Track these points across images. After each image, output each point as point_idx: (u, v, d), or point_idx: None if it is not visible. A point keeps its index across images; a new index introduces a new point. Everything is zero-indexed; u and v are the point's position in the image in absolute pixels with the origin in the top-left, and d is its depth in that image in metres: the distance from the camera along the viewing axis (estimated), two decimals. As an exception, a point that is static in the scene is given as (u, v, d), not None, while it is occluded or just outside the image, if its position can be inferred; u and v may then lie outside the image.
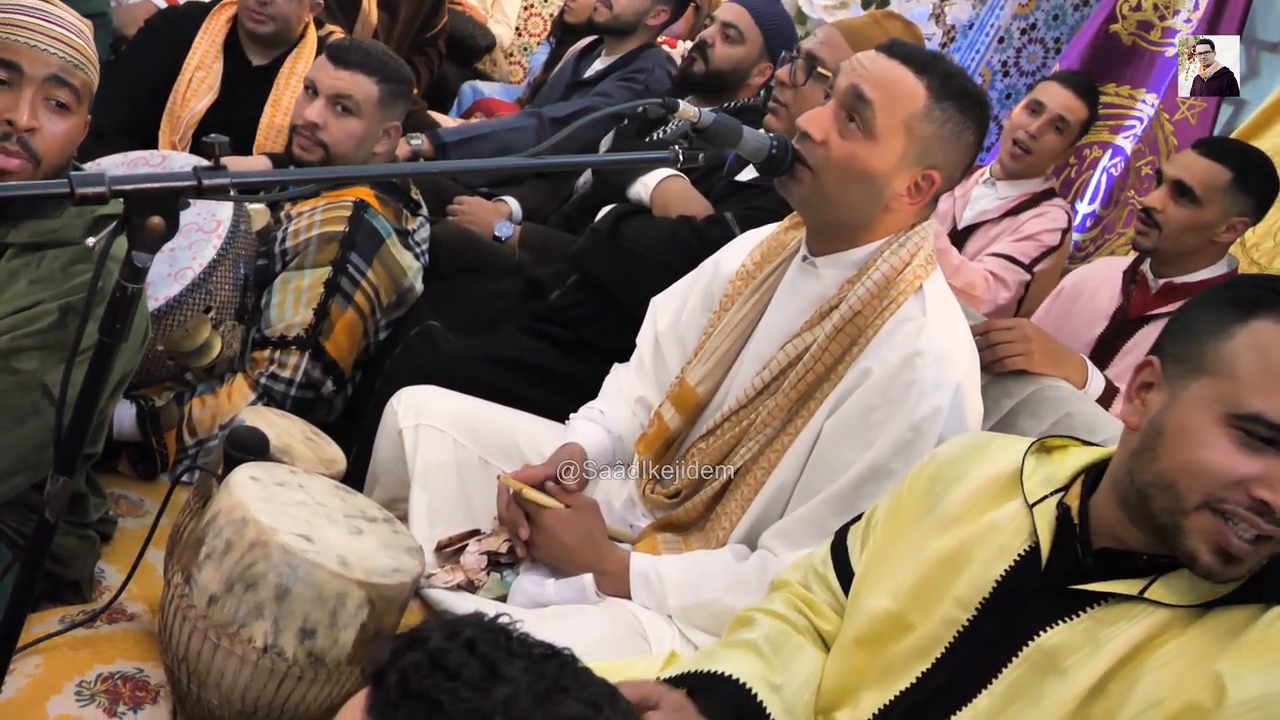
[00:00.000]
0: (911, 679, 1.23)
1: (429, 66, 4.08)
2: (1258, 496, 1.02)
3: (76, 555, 1.74)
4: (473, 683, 0.71)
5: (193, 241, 2.13)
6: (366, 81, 2.34)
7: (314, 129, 2.33)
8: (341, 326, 2.26)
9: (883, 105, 1.51)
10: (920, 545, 1.29)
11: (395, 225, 2.37)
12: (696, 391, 1.72)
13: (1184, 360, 1.10)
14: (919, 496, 1.33)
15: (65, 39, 1.57)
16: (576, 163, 1.72)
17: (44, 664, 1.48)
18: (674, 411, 1.74)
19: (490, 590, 1.65)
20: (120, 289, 1.11)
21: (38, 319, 1.53)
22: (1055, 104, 2.92)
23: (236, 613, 1.35)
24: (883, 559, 1.33)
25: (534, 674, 0.72)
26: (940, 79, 1.52)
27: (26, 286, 1.55)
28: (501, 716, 0.69)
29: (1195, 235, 2.41)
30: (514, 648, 0.75)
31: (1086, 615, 1.12)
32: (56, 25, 1.57)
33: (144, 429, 2.13)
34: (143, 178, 1.08)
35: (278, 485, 1.49)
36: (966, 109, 1.54)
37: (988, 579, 1.20)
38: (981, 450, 1.33)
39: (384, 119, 2.38)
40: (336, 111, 2.33)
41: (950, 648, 1.21)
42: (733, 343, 1.72)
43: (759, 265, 1.74)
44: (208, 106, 2.96)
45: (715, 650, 1.34)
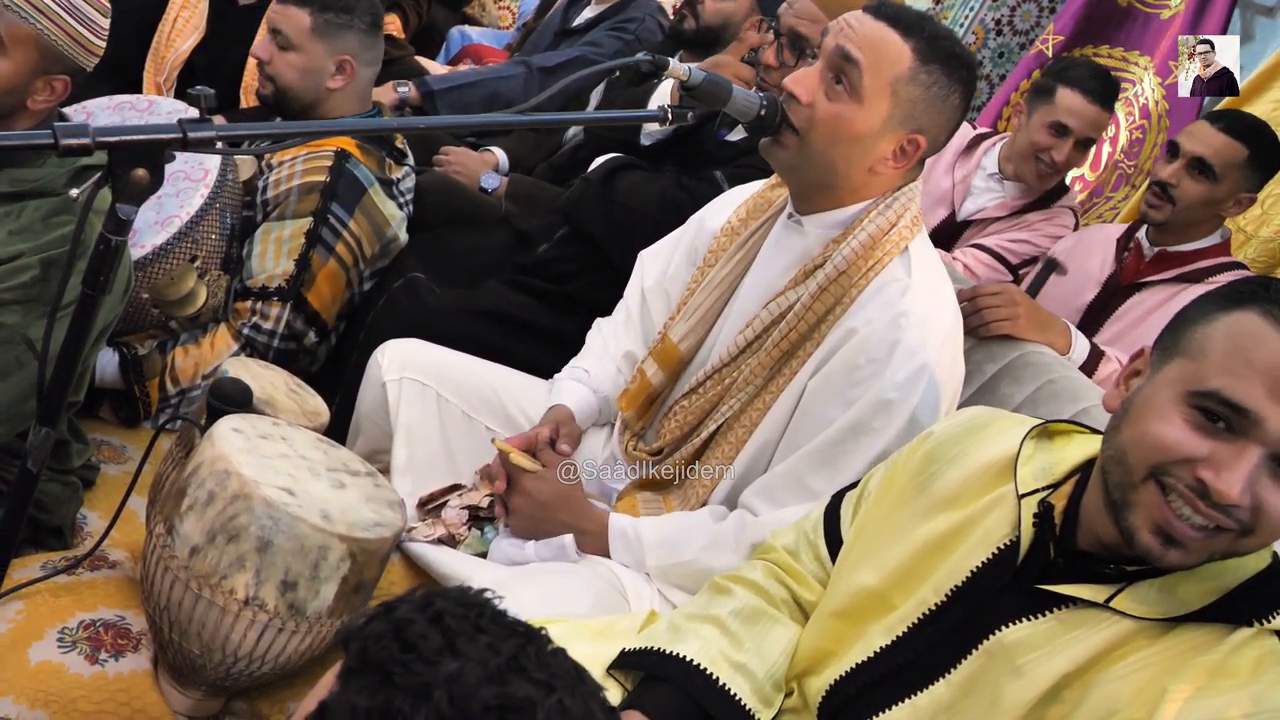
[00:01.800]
0: (870, 652, 1.23)
1: (416, 11, 4.02)
2: (1200, 476, 1.00)
3: (59, 501, 1.75)
4: (427, 656, 0.70)
5: (180, 190, 2.11)
6: (298, 13, 2.31)
7: (262, 64, 2.36)
8: (324, 277, 2.25)
9: (869, 66, 1.50)
10: (910, 525, 1.27)
11: (378, 174, 2.35)
12: (679, 348, 1.72)
13: (1167, 347, 1.10)
14: (913, 474, 1.31)
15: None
16: (566, 120, 1.70)
17: (26, 610, 1.49)
18: (656, 368, 1.75)
19: (470, 546, 1.66)
20: (104, 241, 1.10)
21: (19, 273, 1.52)
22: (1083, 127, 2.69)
23: (218, 564, 1.36)
24: (871, 533, 1.33)
25: (490, 651, 0.72)
26: (927, 41, 1.51)
27: (6, 237, 1.54)
28: (443, 691, 0.68)
29: (1206, 209, 2.41)
30: (482, 624, 0.74)
31: (1051, 616, 1.11)
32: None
33: (126, 377, 2.13)
34: (127, 129, 1.06)
35: (261, 438, 1.49)
36: (953, 72, 1.53)
37: (965, 567, 1.19)
38: (981, 430, 1.30)
39: (329, 51, 2.33)
40: (277, 46, 2.33)
41: (914, 628, 1.20)
42: (716, 299, 1.71)
43: (744, 222, 1.74)
44: (193, 46, 2.93)
45: (681, 625, 1.33)
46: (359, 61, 2.37)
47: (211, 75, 2.91)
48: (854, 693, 1.23)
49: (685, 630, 1.32)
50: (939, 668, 1.17)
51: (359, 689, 0.70)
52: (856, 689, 1.23)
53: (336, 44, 2.33)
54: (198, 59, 2.91)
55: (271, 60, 2.34)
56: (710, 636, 1.31)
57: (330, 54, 2.33)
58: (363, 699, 0.69)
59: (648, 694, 1.26)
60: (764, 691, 1.29)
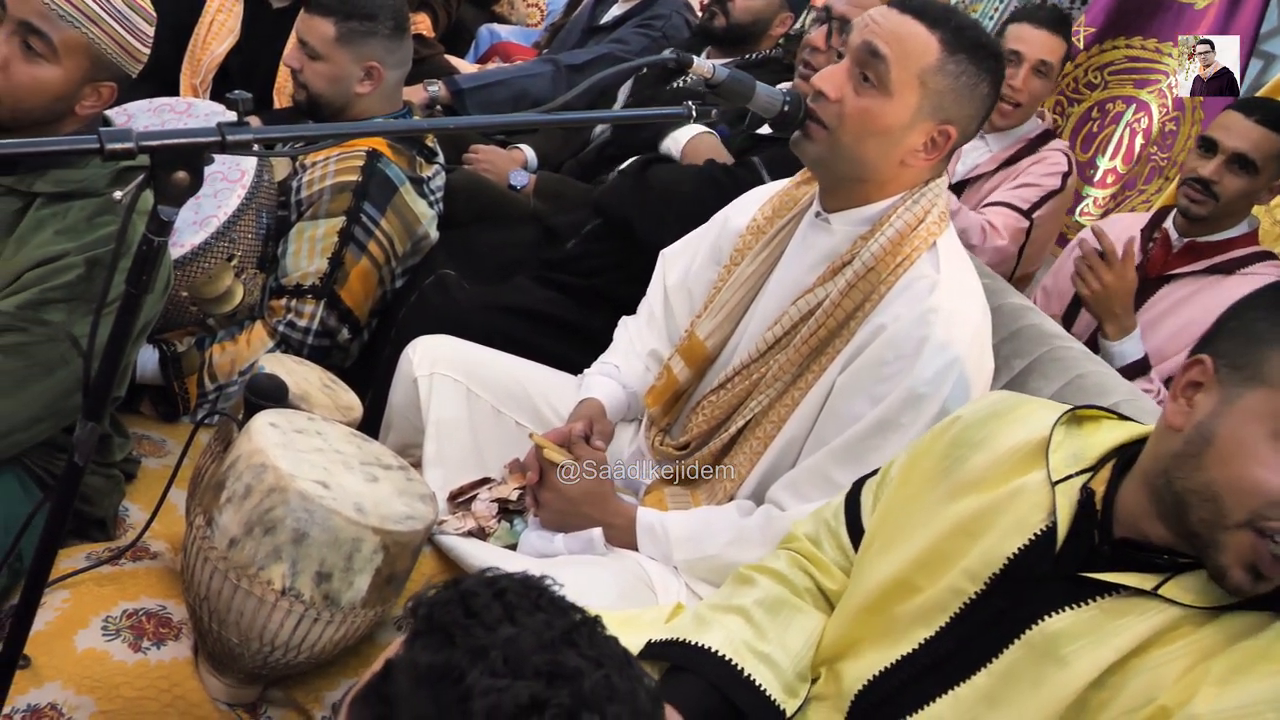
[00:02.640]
0: (914, 644, 1.22)
1: (446, 10, 4.05)
2: None
3: (102, 494, 1.79)
4: (488, 622, 0.75)
5: (217, 190, 2.16)
6: (322, 23, 2.36)
7: (295, 72, 2.41)
8: (356, 275, 2.28)
9: (896, 60, 1.51)
10: (935, 509, 1.27)
11: (409, 173, 2.39)
12: (705, 345, 1.74)
13: (1241, 366, 1.05)
14: (938, 458, 1.31)
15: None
16: (592, 119, 1.72)
17: (72, 599, 1.54)
18: (683, 365, 1.76)
19: (500, 538, 1.69)
20: (147, 242, 1.14)
21: (64, 271, 1.56)
22: (1034, 50, 2.80)
23: (255, 555, 1.39)
24: (895, 519, 1.33)
25: (546, 625, 0.76)
26: (953, 32, 1.52)
27: (52, 236, 1.58)
28: (498, 653, 0.73)
29: (1245, 201, 2.41)
30: (541, 602, 0.79)
31: (1095, 605, 1.10)
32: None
33: (166, 373, 2.17)
34: (169, 133, 1.09)
35: (296, 432, 1.53)
36: (981, 61, 1.53)
37: (1000, 554, 1.18)
38: (1007, 414, 1.29)
39: (354, 58, 2.37)
40: (306, 55, 2.38)
41: (955, 618, 1.20)
42: (742, 297, 1.73)
43: (769, 220, 1.75)
44: (228, 50, 2.97)
45: (706, 615, 1.35)
46: (385, 66, 2.41)
47: (246, 77, 2.96)
48: (896, 686, 1.23)
49: (710, 621, 1.34)
50: (980, 658, 1.16)
51: (423, 648, 0.75)
52: (899, 683, 1.23)
53: (362, 51, 2.38)
54: (232, 61, 2.96)
55: (302, 69, 2.39)
56: (734, 627, 1.32)
57: (356, 60, 2.38)
58: (425, 656, 0.74)
59: (674, 684, 1.28)
60: (788, 681, 1.30)
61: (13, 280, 1.56)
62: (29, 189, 1.60)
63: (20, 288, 1.55)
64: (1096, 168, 3.23)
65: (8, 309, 1.54)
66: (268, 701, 1.56)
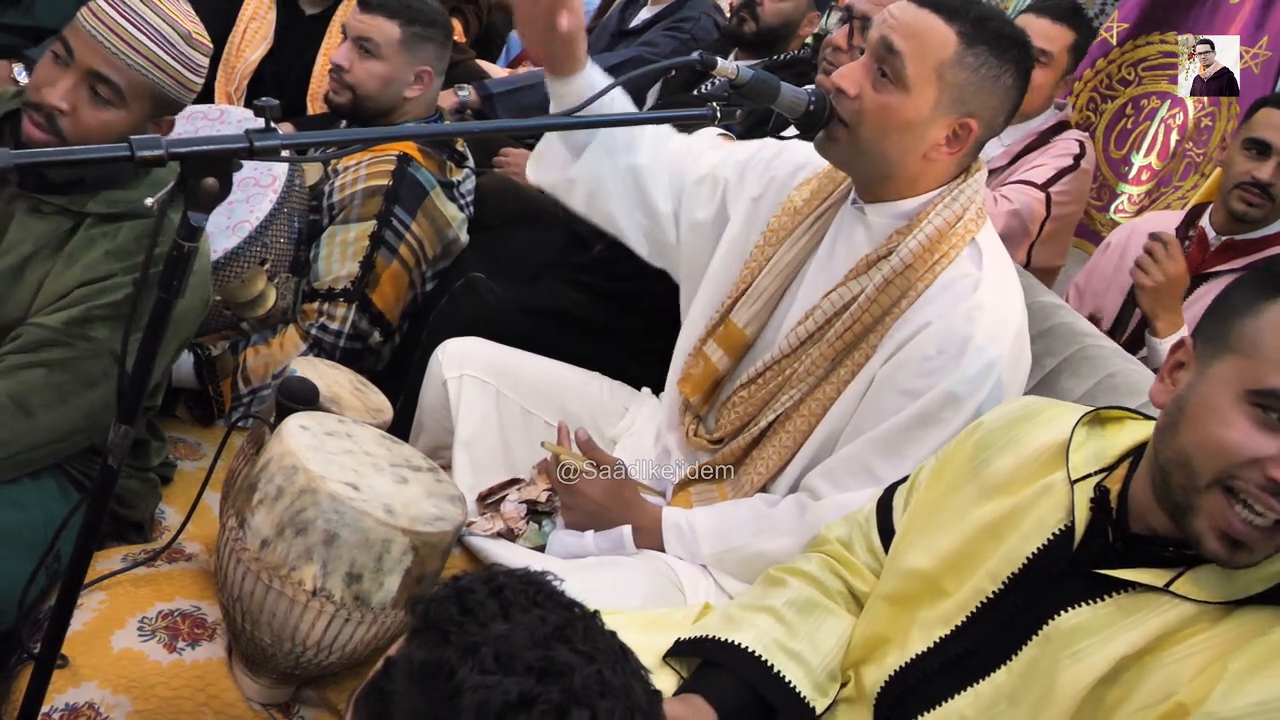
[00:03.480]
0: (930, 642, 1.24)
1: (477, 15, 4.08)
2: (1272, 476, 1.00)
3: (139, 497, 1.83)
4: (481, 619, 0.76)
5: (250, 195, 2.19)
6: (388, 24, 2.37)
7: (340, 71, 2.41)
8: (387, 278, 2.30)
9: (913, 55, 1.50)
10: (963, 511, 1.28)
11: (440, 178, 2.41)
12: (745, 333, 1.72)
13: (1213, 339, 1.09)
14: (964, 461, 1.32)
15: (129, 38, 1.57)
16: (615, 121, 1.72)
17: (109, 600, 1.57)
18: (721, 352, 1.74)
19: (529, 539, 1.70)
20: (177, 247, 1.16)
21: (112, 291, 1.60)
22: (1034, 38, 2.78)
23: (287, 556, 1.41)
24: (923, 521, 1.34)
25: (540, 621, 0.77)
26: (972, 24, 1.50)
27: (102, 256, 1.62)
28: (489, 649, 0.74)
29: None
30: (538, 599, 0.79)
31: (1110, 601, 1.11)
32: (129, 23, 1.57)
33: (201, 376, 2.21)
34: (198, 141, 1.11)
35: (327, 434, 1.54)
36: (1003, 52, 1.52)
37: (1021, 554, 1.19)
38: (1032, 418, 1.31)
39: (411, 62, 2.40)
40: (360, 53, 2.38)
41: (972, 617, 1.21)
42: (781, 283, 1.71)
43: (808, 202, 1.72)
44: (262, 56, 3.01)
45: (736, 614, 1.36)
46: (435, 72, 2.45)
47: (280, 83, 3.00)
48: (915, 683, 1.24)
49: (740, 619, 1.35)
50: (1000, 655, 1.17)
51: (418, 645, 0.76)
52: (917, 679, 1.24)
53: (419, 55, 2.41)
54: (266, 68, 3.00)
55: (352, 68, 2.39)
56: (765, 625, 1.34)
57: (412, 65, 2.41)
58: (419, 653, 0.76)
59: (705, 679, 1.29)
60: (818, 679, 1.31)
61: (61, 297, 1.60)
62: (81, 209, 1.64)
63: (68, 304, 1.60)
64: (1131, 164, 3.19)
65: (55, 324, 1.58)
66: (301, 701, 1.57)
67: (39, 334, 1.58)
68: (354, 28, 2.41)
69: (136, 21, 1.59)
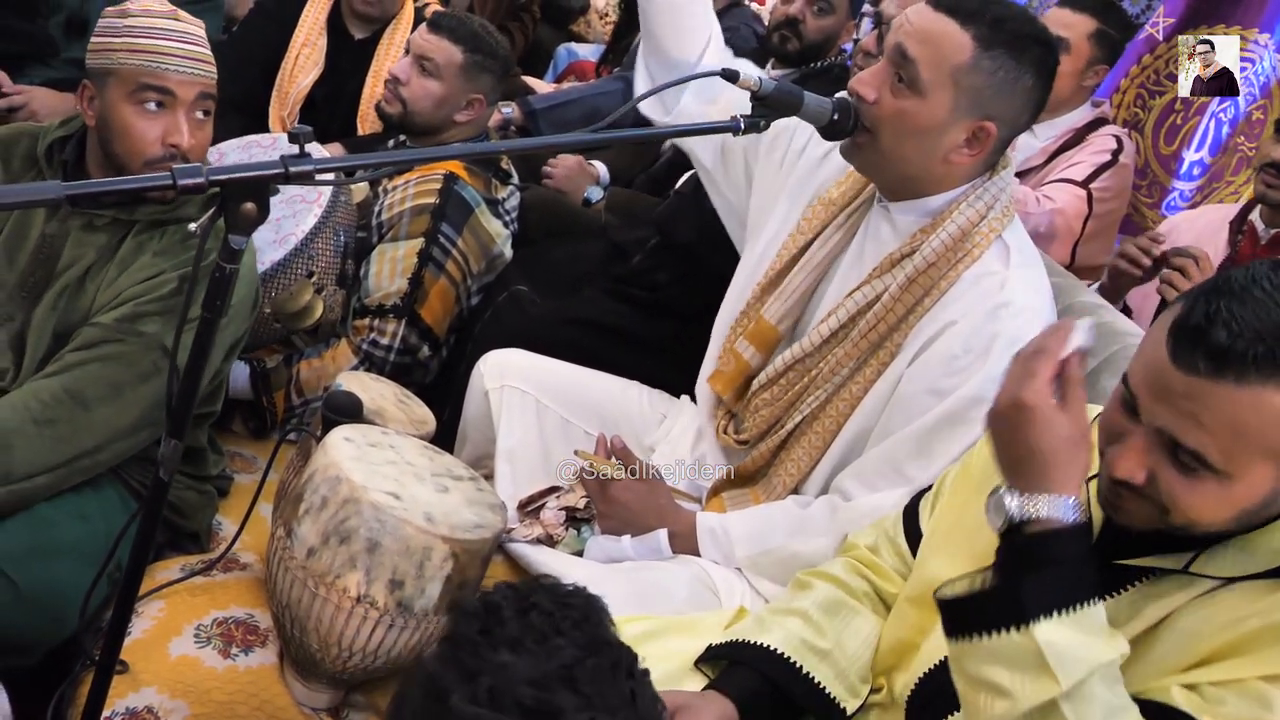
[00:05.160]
0: None
1: (523, 32, 4.15)
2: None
3: (196, 508, 1.90)
4: (494, 643, 0.77)
5: (296, 211, 2.26)
6: (452, 47, 2.44)
7: (396, 83, 2.48)
8: (435, 293, 2.36)
9: (927, 60, 1.50)
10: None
11: (485, 195, 2.46)
12: (777, 329, 1.73)
13: None
14: (987, 461, 1.30)
15: (202, 57, 1.71)
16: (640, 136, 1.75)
17: (166, 608, 1.63)
18: (752, 349, 1.75)
19: (568, 545, 1.73)
20: (219, 269, 1.21)
21: (159, 287, 1.69)
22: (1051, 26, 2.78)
23: (332, 563, 1.46)
24: (950, 524, 1.35)
25: (548, 656, 0.76)
26: (989, 26, 1.50)
27: (150, 258, 1.72)
28: (487, 679, 0.74)
29: None
30: (564, 626, 0.79)
31: (1133, 590, 1.12)
32: (194, 45, 1.70)
33: (256, 389, 2.28)
34: (236, 168, 1.16)
35: (370, 446, 1.59)
36: (1022, 53, 1.51)
37: None
38: None
39: (466, 88, 2.47)
40: (419, 70, 2.45)
41: None
42: (812, 280, 1.72)
43: (842, 196, 1.73)
44: (314, 81, 3.10)
45: (766, 619, 1.38)
46: (487, 101, 2.52)
47: (331, 106, 3.08)
48: (945, 681, 1.24)
49: (769, 623, 1.38)
50: None
51: (434, 655, 0.78)
52: (947, 678, 1.24)
53: (475, 83, 2.48)
54: (318, 92, 3.08)
55: (409, 82, 2.46)
56: (793, 627, 1.36)
57: (467, 91, 2.47)
58: (432, 664, 0.77)
59: (729, 676, 1.32)
60: (848, 679, 1.33)
61: (115, 298, 1.70)
62: (130, 216, 1.74)
63: (120, 303, 1.69)
64: (1182, 160, 3.14)
65: (108, 322, 1.68)
66: (350, 706, 1.62)
67: (93, 333, 1.67)
68: (418, 45, 2.48)
69: (195, 40, 1.71)
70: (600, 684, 0.77)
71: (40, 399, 1.64)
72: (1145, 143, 3.22)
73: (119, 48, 1.67)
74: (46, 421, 1.63)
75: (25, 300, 1.74)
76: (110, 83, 1.68)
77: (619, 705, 0.77)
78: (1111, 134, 2.83)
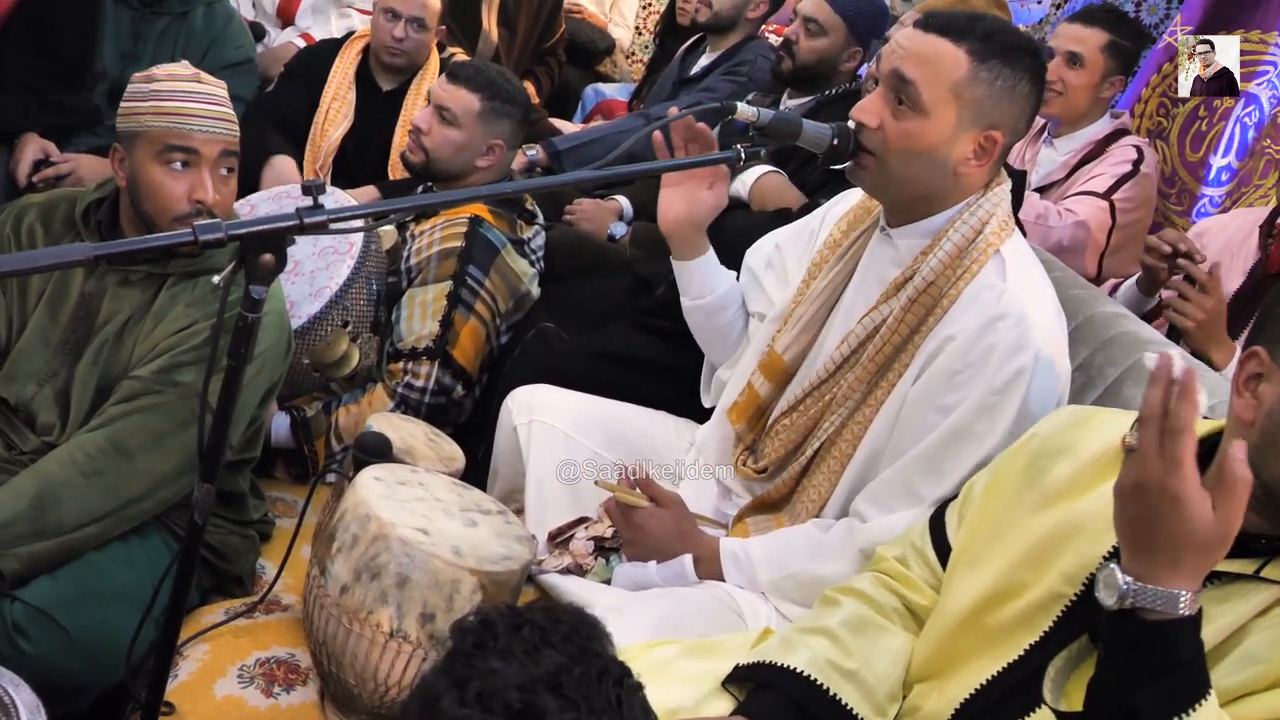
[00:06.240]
0: (1019, 651, 1.24)
1: (549, 75, 4.23)
2: None
3: (239, 552, 1.95)
4: (484, 652, 0.80)
5: (330, 263, 2.33)
6: (470, 96, 2.52)
7: (418, 132, 2.56)
8: (466, 334, 2.42)
9: (925, 81, 1.54)
10: (1024, 520, 1.29)
11: (510, 235, 2.52)
12: (784, 359, 1.77)
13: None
14: (1021, 471, 1.33)
15: (225, 116, 1.80)
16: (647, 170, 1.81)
17: (211, 651, 1.69)
18: (764, 380, 1.79)
19: (597, 574, 1.76)
20: (241, 319, 1.27)
21: (192, 337, 1.78)
22: (1062, 42, 2.85)
23: (364, 599, 1.50)
24: (984, 534, 1.35)
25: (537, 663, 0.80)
26: (980, 40, 1.54)
27: (184, 310, 1.80)
28: (476, 684, 0.78)
29: None
30: (555, 639, 0.83)
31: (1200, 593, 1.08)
32: (216, 105, 1.79)
33: (297, 437, 2.34)
34: (254, 222, 1.22)
35: (399, 484, 1.64)
36: (1015, 61, 1.55)
37: (1094, 555, 1.19)
38: (1085, 423, 1.32)
39: (486, 134, 2.54)
40: (440, 120, 2.53)
41: (1059, 622, 1.21)
42: (817, 310, 1.76)
43: (845, 234, 1.77)
44: (344, 134, 3.20)
45: (792, 638, 1.38)
46: (508, 146, 2.59)
47: (362, 157, 3.18)
48: (1002, 693, 1.24)
49: (795, 643, 1.38)
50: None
51: (434, 666, 0.82)
52: (1004, 690, 1.24)
53: (495, 128, 2.55)
54: (349, 144, 3.18)
55: (430, 131, 2.54)
56: (820, 647, 1.36)
57: (486, 136, 2.54)
58: (430, 675, 0.82)
59: (755, 701, 1.32)
60: (875, 699, 1.33)
61: (152, 350, 1.78)
62: (163, 270, 1.82)
63: (156, 355, 1.77)
64: (1209, 166, 3.12)
65: (146, 375, 1.76)
66: (390, 740, 1.66)
67: (133, 385, 1.75)
68: (437, 95, 2.56)
69: (217, 100, 1.79)
70: (586, 690, 0.80)
71: (86, 451, 1.71)
72: (1171, 151, 3.21)
73: (145, 111, 1.76)
74: (94, 473, 1.71)
75: (68, 357, 1.82)
76: (138, 144, 1.77)
77: (603, 709, 0.80)
78: (1132, 144, 2.82)
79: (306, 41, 3.57)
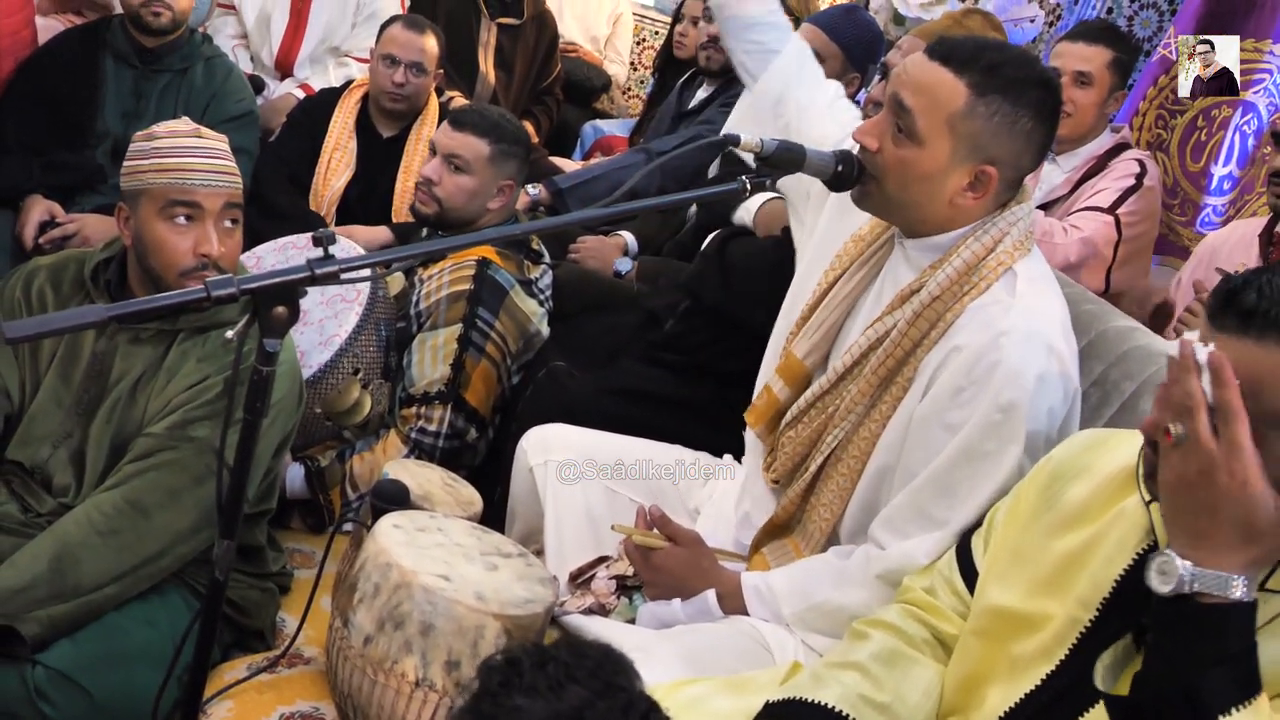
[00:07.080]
0: (1037, 680, 1.23)
1: (547, 115, 4.26)
2: None
3: (259, 606, 1.94)
4: (510, 690, 0.81)
5: (338, 311, 2.34)
6: (478, 142, 2.53)
7: (429, 184, 2.56)
8: (478, 376, 2.42)
9: (922, 110, 1.53)
10: (1042, 543, 1.29)
11: (518, 276, 2.53)
12: (804, 364, 1.74)
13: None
14: (1038, 493, 1.33)
15: (227, 169, 1.81)
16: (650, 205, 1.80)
17: (235, 708, 1.66)
18: (782, 384, 1.77)
19: (621, 613, 1.74)
20: (256, 373, 1.27)
21: (205, 392, 1.78)
22: (1069, 63, 2.85)
23: (389, 649, 1.49)
24: (1006, 557, 1.34)
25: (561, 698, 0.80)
26: (982, 73, 1.52)
27: (195, 365, 1.80)
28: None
29: None
30: (579, 675, 0.83)
31: None
32: (217, 159, 1.80)
33: (312, 487, 2.34)
34: (265, 275, 1.23)
35: (418, 530, 1.63)
36: (1018, 96, 1.53)
37: (1108, 577, 1.19)
38: (1101, 445, 1.32)
39: (496, 176, 2.56)
40: (450, 169, 2.54)
41: (1075, 648, 1.20)
42: (838, 316, 1.73)
43: (871, 231, 1.75)
44: (346, 182, 3.22)
45: (822, 673, 1.37)
46: (517, 184, 2.61)
47: (365, 204, 3.20)
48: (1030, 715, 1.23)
49: (826, 678, 1.37)
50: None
51: (462, 706, 0.82)
52: (1028, 716, 1.23)
53: (504, 170, 2.57)
54: (351, 192, 3.20)
55: (441, 181, 2.54)
56: (851, 682, 1.35)
57: (497, 178, 2.56)
58: (458, 715, 0.82)
59: None
60: None
61: (165, 406, 1.78)
62: (173, 326, 1.83)
63: (170, 411, 1.77)
64: (1211, 176, 3.13)
65: (160, 431, 1.76)
66: (418, 791, 1.63)
67: (147, 443, 1.75)
68: (444, 145, 2.55)
69: (218, 154, 1.81)
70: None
71: (102, 511, 1.71)
72: (1172, 162, 3.22)
73: (147, 169, 1.77)
74: (110, 532, 1.70)
75: (82, 417, 1.82)
76: (142, 202, 1.78)
77: None
78: (1134, 158, 2.83)
79: (306, 92, 3.60)
